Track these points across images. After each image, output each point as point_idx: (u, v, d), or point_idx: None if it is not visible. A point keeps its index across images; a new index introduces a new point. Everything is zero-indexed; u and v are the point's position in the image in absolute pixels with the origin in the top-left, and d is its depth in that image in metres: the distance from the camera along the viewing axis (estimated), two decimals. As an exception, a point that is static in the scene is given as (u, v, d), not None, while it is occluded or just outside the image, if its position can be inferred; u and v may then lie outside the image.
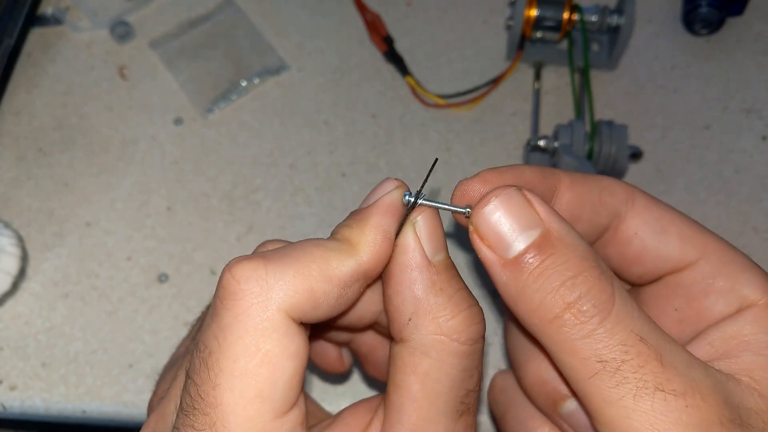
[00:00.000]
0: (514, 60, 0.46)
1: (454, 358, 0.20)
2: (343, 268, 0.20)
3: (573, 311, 0.19)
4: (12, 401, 0.37)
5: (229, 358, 0.18)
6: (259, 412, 0.18)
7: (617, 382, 0.18)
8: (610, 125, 0.40)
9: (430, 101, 0.45)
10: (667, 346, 0.19)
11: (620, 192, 0.23)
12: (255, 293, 0.18)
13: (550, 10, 0.44)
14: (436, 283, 0.20)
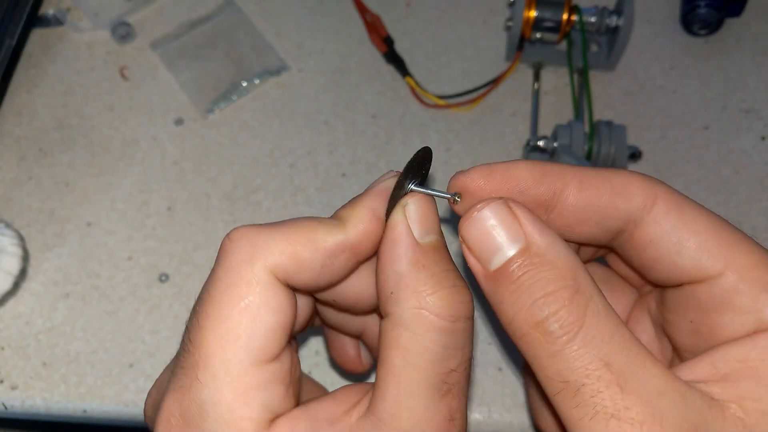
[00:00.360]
0: (514, 60, 0.46)
1: (434, 333, 0.20)
2: (329, 238, 0.21)
3: (541, 330, 0.19)
4: (13, 401, 0.37)
5: (215, 305, 0.20)
6: (236, 355, 0.19)
7: (577, 403, 0.18)
8: (609, 125, 0.40)
9: (430, 102, 0.46)
10: (637, 372, 0.18)
11: (638, 194, 0.21)
12: (244, 250, 0.20)
13: (549, 11, 0.44)
14: (419, 260, 0.21)
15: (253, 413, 0.19)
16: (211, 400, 0.19)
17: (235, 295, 0.20)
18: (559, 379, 0.19)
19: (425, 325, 0.20)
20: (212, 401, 0.19)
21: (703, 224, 0.21)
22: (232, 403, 0.19)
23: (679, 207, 0.21)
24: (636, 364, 0.18)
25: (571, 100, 0.45)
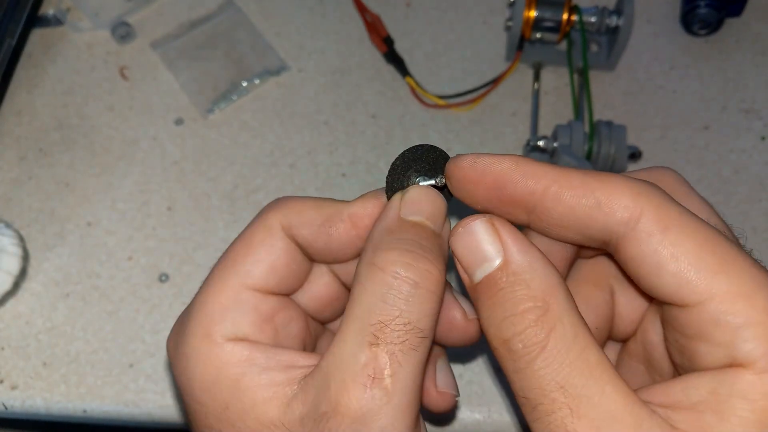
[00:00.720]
0: (514, 60, 0.46)
1: (374, 283, 0.21)
2: (332, 206, 0.25)
3: (506, 347, 0.20)
4: (13, 400, 0.37)
5: (234, 244, 0.25)
6: (228, 274, 0.24)
7: (534, 419, 0.19)
8: (609, 125, 0.40)
9: (430, 102, 0.46)
10: (593, 397, 0.19)
11: (621, 209, 0.20)
12: (266, 209, 0.25)
13: (549, 11, 0.44)
14: (391, 228, 0.22)
15: (222, 321, 0.23)
16: (200, 303, 0.24)
17: (246, 236, 0.25)
18: (521, 395, 0.20)
19: (369, 275, 0.21)
20: (200, 304, 0.23)
21: (689, 248, 0.19)
22: (211, 307, 0.23)
23: (664, 226, 0.20)
24: (594, 389, 0.19)
25: (571, 100, 0.45)
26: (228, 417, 0.22)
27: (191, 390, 0.23)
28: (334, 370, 0.21)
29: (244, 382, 0.22)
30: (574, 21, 0.44)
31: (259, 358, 0.22)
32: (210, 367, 0.22)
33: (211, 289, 0.24)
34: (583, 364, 0.19)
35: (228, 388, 0.22)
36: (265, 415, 0.21)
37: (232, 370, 0.22)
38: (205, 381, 0.22)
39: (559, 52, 0.47)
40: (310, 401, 0.21)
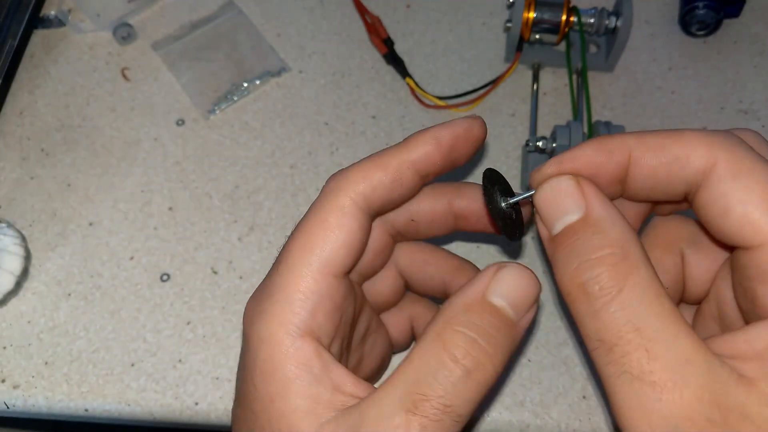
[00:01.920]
0: (513, 61, 0.47)
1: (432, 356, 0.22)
2: (393, 159, 0.25)
3: (583, 290, 0.20)
4: (15, 400, 0.37)
5: (304, 224, 0.25)
6: (307, 259, 0.24)
7: (609, 361, 0.20)
8: (607, 126, 0.41)
9: (430, 102, 0.46)
10: (667, 340, 0.19)
11: (696, 160, 0.21)
12: (332, 186, 0.25)
13: (547, 12, 0.44)
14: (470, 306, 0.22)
15: (300, 312, 0.23)
16: (278, 286, 0.24)
17: (319, 217, 0.24)
18: (595, 338, 0.20)
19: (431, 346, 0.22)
20: (279, 287, 0.24)
21: (757, 192, 0.20)
22: (290, 294, 0.23)
23: (735, 172, 0.21)
24: (668, 333, 0.19)
25: (570, 101, 0.45)
26: (271, 412, 0.23)
27: (252, 370, 0.23)
28: (369, 419, 0.21)
29: (296, 385, 0.22)
30: (573, 22, 0.44)
31: (316, 367, 0.23)
32: (276, 357, 0.23)
33: (291, 273, 0.24)
34: (658, 310, 0.20)
35: (281, 383, 0.23)
36: (298, 427, 0.22)
37: (292, 369, 0.23)
38: (267, 367, 0.23)
39: (558, 53, 0.47)
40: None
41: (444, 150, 0.25)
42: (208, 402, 0.36)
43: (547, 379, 0.37)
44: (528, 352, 0.38)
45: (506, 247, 0.42)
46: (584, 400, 0.36)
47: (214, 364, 0.38)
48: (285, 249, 0.25)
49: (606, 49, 0.47)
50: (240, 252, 0.41)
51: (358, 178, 0.25)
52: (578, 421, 0.36)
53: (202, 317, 0.39)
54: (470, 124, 0.26)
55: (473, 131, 0.26)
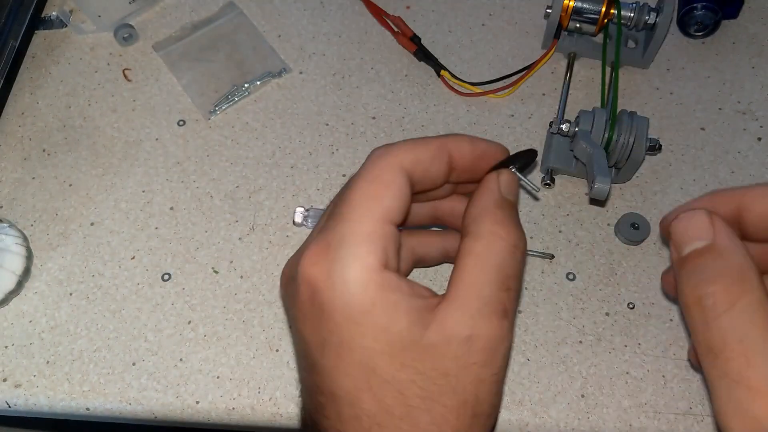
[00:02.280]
0: (550, 48, 0.47)
1: (500, 248, 0.26)
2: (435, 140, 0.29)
3: (699, 303, 0.24)
4: (16, 399, 0.37)
5: (361, 179, 0.27)
6: (371, 208, 0.26)
7: (713, 367, 0.23)
8: (631, 116, 0.40)
9: (466, 91, 0.47)
10: (760, 353, 0.22)
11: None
12: (381, 152, 0.28)
13: (588, 1, 0.44)
14: (499, 203, 0.28)
15: (377, 251, 0.25)
16: (350, 232, 0.25)
17: (373, 174, 0.27)
18: (705, 345, 0.23)
19: (496, 241, 0.27)
20: (351, 233, 0.25)
21: None
22: (365, 238, 0.25)
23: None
24: (761, 347, 0.22)
25: (600, 92, 0.45)
26: (388, 338, 0.25)
27: (349, 312, 0.25)
28: (476, 305, 0.25)
29: (401, 306, 0.25)
30: (613, 14, 0.44)
31: (404, 287, 0.25)
32: (371, 292, 0.25)
33: (358, 221, 0.26)
34: (763, 328, 0.23)
35: (386, 310, 0.25)
36: (412, 339, 0.25)
37: (389, 296, 0.25)
38: (365, 304, 0.25)
39: (595, 46, 0.47)
40: (452, 327, 0.25)
41: (476, 152, 0.29)
42: (209, 401, 0.37)
43: (545, 378, 0.37)
44: (527, 352, 0.38)
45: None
46: (583, 399, 0.36)
47: (215, 363, 0.38)
48: (344, 200, 0.27)
49: (643, 46, 0.47)
50: (241, 252, 0.41)
51: (404, 149, 0.28)
52: (577, 419, 0.36)
53: (203, 316, 0.39)
54: (499, 148, 0.30)
55: (499, 155, 0.30)
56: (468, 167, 0.30)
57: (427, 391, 0.25)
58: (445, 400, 0.25)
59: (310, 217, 0.42)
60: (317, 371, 0.26)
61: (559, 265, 0.41)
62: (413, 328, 0.25)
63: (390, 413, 0.25)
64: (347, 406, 0.25)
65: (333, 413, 0.26)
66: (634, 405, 0.36)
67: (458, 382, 0.25)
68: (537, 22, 0.50)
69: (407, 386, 0.25)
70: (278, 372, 0.37)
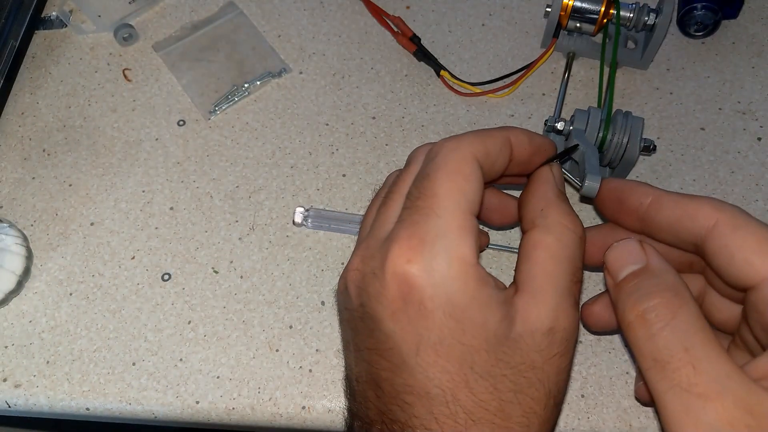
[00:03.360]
0: (549, 47, 0.47)
1: (570, 240, 0.27)
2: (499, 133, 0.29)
3: (641, 318, 0.25)
4: (16, 399, 0.37)
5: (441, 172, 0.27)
6: (459, 202, 0.26)
7: (661, 378, 0.24)
8: (626, 116, 0.40)
9: (465, 91, 0.47)
10: (710, 360, 0.23)
11: (702, 218, 0.27)
12: (452, 146, 0.28)
13: (588, 1, 0.44)
14: (560, 195, 0.29)
15: (472, 245, 0.26)
16: (444, 227, 0.26)
17: (454, 167, 0.27)
18: (651, 358, 0.24)
19: (566, 233, 0.27)
20: (445, 229, 0.26)
21: (753, 240, 0.25)
22: (460, 232, 0.26)
23: (735, 226, 0.26)
24: (710, 355, 0.23)
25: (598, 91, 0.45)
26: (485, 335, 0.25)
27: (450, 309, 0.25)
28: (555, 298, 0.26)
29: (493, 301, 0.25)
30: (612, 14, 0.44)
31: (491, 281, 0.26)
32: (470, 288, 0.25)
33: (450, 216, 0.26)
34: (703, 336, 0.24)
35: (482, 306, 0.25)
36: (504, 334, 0.25)
37: (484, 292, 0.25)
38: (464, 301, 0.25)
39: (594, 45, 0.47)
40: (535, 321, 0.25)
41: (533, 147, 0.30)
42: (209, 401, 0.37)
43: (546, 378, 0.37)
44: (527, 351, 0.38)
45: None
46: (582, 399, 0.36)
47: (214, 363, 0.38)
48: (427, 195, 0.27)
49: (643, 47, 0.47)
50: (241, 252, 0.41)
51: (476, 141, 0.28)
52: (577, 419, 0.36)
53: (203, 316, 0.39)
54: (551, 143, 0.31)
55: (551, 151, 0.31)
56: (524, 160, 0.30)
57: (517, 385, 0.25)
58: (532, 392, 0.25)
59: (310, 218, 0.42)
60: (408, 369, 0.26)
61: (559, 265, 0.41)
62: (504, 323, 0.25)
63: (486, 408, 0.25)
64: (442, 404, 0.25)
65: (424, 411, 0.26)
66: (634, 405, 0.36)
67: (543, 373, 0.26)
68: (537, 22, 0.50)
69: (501, 380, 0.25)
70: (278, 372, 0.37)
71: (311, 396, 0.37)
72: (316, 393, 0.37)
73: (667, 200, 0.28)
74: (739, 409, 0.22)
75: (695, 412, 0.22)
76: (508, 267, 0.41)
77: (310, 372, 0.37)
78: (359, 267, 0.28)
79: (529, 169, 0.31)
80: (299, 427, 0.37)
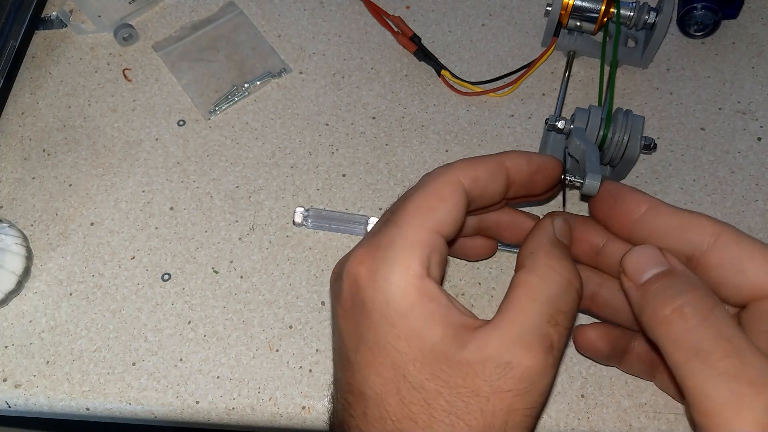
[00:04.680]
0: (549, 46, 0.47)
1: (554, 281, 0.27)
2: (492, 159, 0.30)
3: (679, 312, 0.25)
4: (16, 399, 0.37)
5: (418, 192, 0.28)
6: (424, 218, 0.27)
7: (705, 367, 0.24)
8: (627, 114, 0.40)
9: (467, 90, 0.47)
10: (749, 351, 0.24)
11: (706, 231, 0.28)
12: (441, 168, 0.29)
13: (588, 0, 0.45)
14: (554, 242, 0.29)
15: (422, 257, 0.26)
16: (399, 237, 0.26)
17: (433, 188, 0.28)
18: (692, 349, 0.24)
19: (551, 274, 0.27)
20: (400, 237, 0.26)
21: (759, 253, 0.26)
22: (413, 244, 0.26)
23: (738, 240, 0.27)
24: (748, 347, 0.24)
25: (598, 90, 0.45)
26: (420, 345, 0.25)
27: (386, 311, 0.25)
28: (520, 333, 0.25)
29: (438, 316, 0.25)
30: (612, 13, 0.44)
31: (443, 300, 0.26)
32: (411, 295, 0.25)
33: (410, 227, 0.27)
34: (738, 331, 0.24)
35: (423, 317, 0.25)
36: (446, 351, 0.25)
37: (427, 304, 0.25)
38: (403, 306, 0.25)
39: (595, 44, 0.47)
40: (491, 350, 0.25)
41: (532, 168, 0.30)
42: (209, 401, 0.37)
43: (546, 378, 0.37)
44: (527, 352, 0.38)
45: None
46: (582, 399, 0.36)
47: (214, 363, 0.38)
48: (399, 209, 0.28)
49: (643, 46, 0.47)
50: (241, 252, 0.41)
51: (464, 167, 0.29)
52: (577, 419, 0.36)
53: (203, 316, 0.39)
54: (554, 161, 0.31)
55: (555, 169, 0.31)
56: (525, 183, 0.30)
57: (453, 407, 0.25)
58: (470, 419, 0.25)
59: (310, 218, 0.42)
60: (350, 368, 0.27)
61: (558, 265, 0.41)
62: (447, 341, 0.25)
63: (414, 420, 0.25)
64: (374, 407, 0.25)
65: (359, 412, 0.26)
66: (634, 405, 0.36)
67: (488, 404, 0.25)
68: (537, 21, 0.50)
69: (434, 397, 0.25)
70: (278, 372, 0.37)
71: (311, 396, 0.37)
72: (316, 393, 0.37)
73: (665, 209, 0.29)
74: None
75: (746, 399, 0.23)
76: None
77: (310, 372, 0.37)
78: (335, 269, 0.29)
79: (535, 189, 0.31)
80: (299, 427, 0.37)
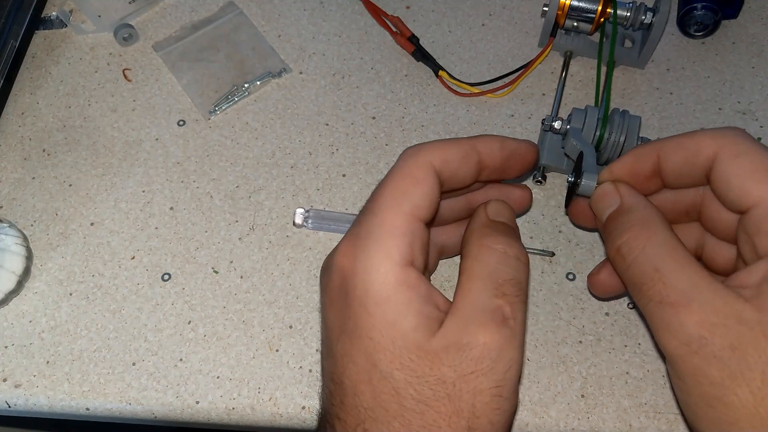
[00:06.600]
0: (546, 46, 0.47)
1: (488, 256, 0.28)
2: (465, 142, 0.30)
3: (619, 253, 0.28)
4: (16, 399, 0.37)
5: (392, 177, 0.28)
6: (402, 203, 0.27)
7: (641, 298, 0.27)
8: (623, 114, 0.40)
9: (464, 91, 0.47)
10: (679, 274, 0.26)
11: (705, 150, 0.28)
12: (413, 151, 0.29)
13: (585, 0, 0.45)
14: (486, 224, 0.30)
15: (402, 245, 0.26)
16: (377, 225, 0.27)
17: (405, 171, 0.28)
18: (631, 284, 0.28)
19: (484, 251, 0.28)
20: (378, 226, 0.27)
21: (748, 167, 0.27)
22: (392, 231, 0.26)
23: (735, 154, 0.27)
24: (680, 270, 0.26)
25: (595, 90, 0.45)
26: (393, 333, 0.25)
27: (365, 300, 0.26)
28: (471, 314, 0.26)
29: (413, 306, 0.26)
30: (609, 13, 0.44)
31: (422, 289, 0.26)
32: (389, 283, 0.26)
33: (387, 214, 0.27)
34: (673, 256, 0.27)
35: (399, 307, 0.26)
36: (415, 341, 0.25)
37: (405, 293, 0.26)
38: (381, 295, 0.26)
39: (592, 44, 0.47)
40: (452, 336, 0.25)
41: (505, 153, 0.31)
42: (209, 401, 0.37)
43: (545, 378, 0.37)
44: (526, 351, 0.38)
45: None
46: (582, 399, 0.36)
47: (214, 363, 0.38)
48: (375, 196, 0.28)
49: (640, 46, 0.47)
50: (241, 252, 0.41)
51: (435, 149, 0.29)
52: (577, 419, 0.36)
53: (203, 316, 0.39)
54: (529, 146, 0.32)
55: (529, 154, 0.32)
56: (498, 167, 0.31)
57: (421, 395, 0.25)
58: (438, 406, 0.25)
59: (311, 218, 0.42)
60: (332, 357, 0.27)
61: (559, 265, 0.41)
62: (419, 332, 0.25)
63: (385, 409, 0.25)
64: (350, 395, 0.26)
65: (338, 400, 0.26)
66: (634, 405, 0.36)
67: (454, 390, 0.25)
68: (537, 22, 0.50)
69: (403, 386, 0.25)
70: (278, 372, 0.37)
71: (311, 396, 0.37)
72: (316, 393, 0.37)
73: (668, 147, 0.30)
74: (706, 311, 0.25)
75: (669, 318, 0.25)
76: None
77: (310, 372, 0.37)
78: (324, 263, 0.30)
79: (508, 173, 0.32)
80: (299, 427, 0.37)
